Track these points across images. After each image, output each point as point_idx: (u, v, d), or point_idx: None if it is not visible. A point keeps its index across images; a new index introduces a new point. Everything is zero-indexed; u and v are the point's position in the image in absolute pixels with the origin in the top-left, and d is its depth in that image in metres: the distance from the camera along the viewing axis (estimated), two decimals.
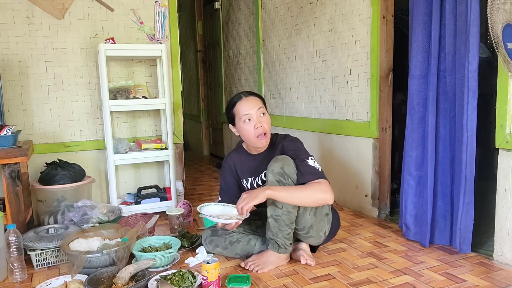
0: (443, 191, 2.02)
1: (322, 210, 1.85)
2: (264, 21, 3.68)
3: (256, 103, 1.86)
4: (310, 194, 1.71)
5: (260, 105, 1.86)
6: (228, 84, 4.69)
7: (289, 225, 1.78)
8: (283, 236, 1.79)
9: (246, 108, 1.84)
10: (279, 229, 1.77)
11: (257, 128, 1.82)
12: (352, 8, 2.57)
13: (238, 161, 1.99)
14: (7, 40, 2.60)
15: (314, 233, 1.86)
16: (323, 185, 1.73)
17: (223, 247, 1.92)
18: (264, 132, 1.83)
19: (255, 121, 1.82)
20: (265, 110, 1.87)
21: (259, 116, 1.84)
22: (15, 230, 1.78)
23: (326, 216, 1.88)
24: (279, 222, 1.76)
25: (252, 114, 1.82)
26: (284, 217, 1.75)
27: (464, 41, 1.82)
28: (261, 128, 1.82)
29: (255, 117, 1.83)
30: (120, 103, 2.67)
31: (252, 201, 1.64)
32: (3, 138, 2.11)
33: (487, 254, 1.91)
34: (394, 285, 1.66)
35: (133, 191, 2.93)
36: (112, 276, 1.66)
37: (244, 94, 1.89)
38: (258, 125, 1.82)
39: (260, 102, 1.87)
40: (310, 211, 1.80)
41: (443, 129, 2.00)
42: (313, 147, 3.09)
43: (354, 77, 2.61)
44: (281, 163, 1.74)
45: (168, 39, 3.01)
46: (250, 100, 1.86)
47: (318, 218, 1.84)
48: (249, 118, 1.83)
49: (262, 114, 1.85)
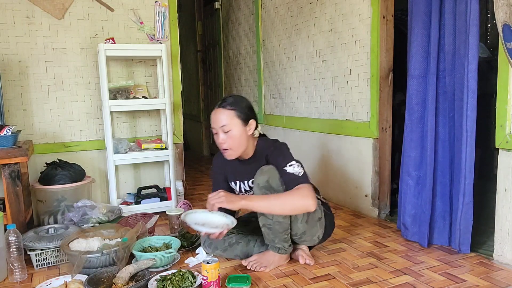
0: (442, 191, 2.02)
1: (314, 216, 1.82)
2: (264, 21, 3.68)
3: (220, 119, 1.74)
4: (288, 201, 1.65)
5: (224, 122, 1.73)
6: (228, 84, 4.68)
7: (283, 232, 1.77)
8: (280, 240, 1.80)
9: (212, 122, 1.78)
10: (275, 235, 1.78)
11: (219, 144, 1.77)
12: (352, 8, 2.57)
13: (227, 161, 1.93)
14: (7, 40, 2.60)
15: (308, 237, 1.86)
16: (302, 190, 1.66)
17: (222, 249, 1.91)
18: (224, 149, 1.77)
19: (218, 136, 1.76)
20: (231, 126, 1.73)
21: (223, 133, 1.74)
22: (15, 230, 1.78)
23: (319, 221, 1.85)
24: (273, 230, 1.76)
25: (217, 129, 1.76)
26: (277, 227, 1.74)
27: (463, 41, 1.82)
28: (223, 145, 1.76)
29: (220, 133, 1.75)
30: (120, 103, 2.67)
31: (225, 204, 1.60)
32: (3, 138, 2.11)
33: (487, 254, 1.91)
34: (394, 285, 1.66)
35: (133, 191, 2.93)
36: (112, 276, 1.66)
37: (218, 104, 1.78)
38: (220, 141, 1.76)
39: (226, 118, 1.73)
40: (301, 219, 1.77)
41: (443, 129, 2.00)
42: (313, 147, 3.09)
43: (354, 77, 2.61)
44: (266, 175, 1.71)
45: (168, 39, 3.01)
46: (217, 114, 1.75)
47: (311, 225, 1.82)
48: (215, 132, 1.77)
49: (227, 131, 1.73)
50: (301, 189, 1.66)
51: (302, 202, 1.65)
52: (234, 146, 1.76)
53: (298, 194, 1.65)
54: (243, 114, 1.76)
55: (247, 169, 1.82)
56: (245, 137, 1.77)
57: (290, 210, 1.69)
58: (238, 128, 1.75)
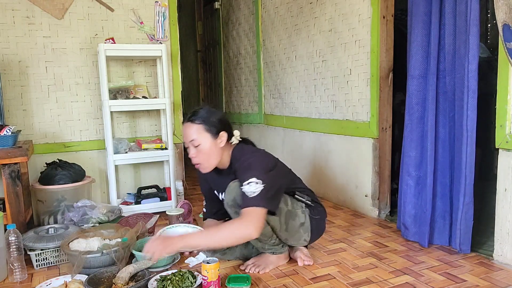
0: (443, 192, 2.02)
1: (294, 222, 1.79)
2: (264, 21, 3.68)
3: (188, 133, 1.70)
4: (228, 234, 1.56)
5: (192, 136, 1.69)
6: (228, 84, 4.68)
7: (270, 238, 1.76)
8: (269, 246, 1.80)
9: (183, 135, 1.76)
10: (263, 242, 1.77)
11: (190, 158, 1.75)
12: (352, 8, 2.57)
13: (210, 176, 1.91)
14: (7, 40, 2.60)
15: (294, 242, 1.86)
16: (245, 217, 1.56)
17: (221, 252, 1.90)
18: (195, 163, 1.75)
19: (190, 150, 1.73)
20: (200, 141, 1.68)
21: (193, 147, 1.71)
22: (15, 230, 1.78)
23: (302, 226, 1.82)
24: (259, 239, 1.74)
25: (187, 144, 1.73)
26: (260, 236, 1.70)
27: (463, 41, 1.82)
28: (193, 159, 1.73)
29: (190, 147, 1.72)
30: (120, 103, 2.67)
31: (164, 251, 1.54)
32: (3, 138, 2.11)
33: (487, 254, 1.91)
34: (394, 285, 1.65)
35: (133, 191, 2.93)
36: (112, 276, 1.66)
37: (187, 118, 1.74)
38: (191, 156, 1.73)
39: (194, 133, 1.69)
40: (279, 229, 1.75)
41: (443, 129, 2.00)
42: (313, 147, 3.09)
43: (354, 77, 2.61)
44: (233, 194, 1.67)
45: (168, 39, 3.01)
46: (186, 128, 1.72)
47: (291, 232, 1.80)
48: (187, 146, 1.74)
49: (197, 145, 1.70)
50: (244, 217, 1.56)
51: (244, 232, 1.55)
52: (205, 160, 1.72)
53: (238, 224, 1.57)
54: (213, 128, 1.70)
55: (225, 180, 1.76)
56: (216, 150, 1.72)
57: (232, 242, 1.61)
58: (207, 142, 1.69)
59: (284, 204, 1.76)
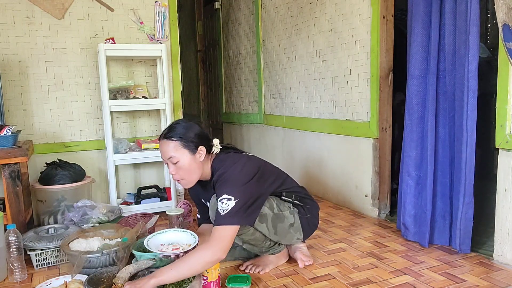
0: (443, 191, 2.02)
1: (283, 225, 1.77)
2: (264, 21, 3.68)
3: (166, 151, 1.66)
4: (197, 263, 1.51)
5: (170, 154, 1.64)
6: (228, 84, 4.68)
7: (264, 241, 1.77)
8: (266, 249, 1.80)
9: (161, 153, 1.71)
10: (258, 246, 1.78)
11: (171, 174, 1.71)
12: (352, 8, 2.57)
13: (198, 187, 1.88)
14: (7, 40, 2.60)
15: (286, 242, 1.85)
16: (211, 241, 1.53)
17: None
18: (176, 180, 1.71)
19: (169, 168, 1.69)
20: (178, 158, 1.64)
21: (172, 164, 1.67)
22: (15, 230, 1.78)
23: (291, 227, 1.81)
24: (252, 243, 1.75)
25: (166, 161, 1.68)
26: (253, 242, 1.72)
27: (463, 41, 1.82)
28: (174, 176, 1.69)
29: (169, 164, 1.68)
30: (120, 103, 2.67)
31: None
32: (3, 138, 2.11)
33: (487, 254, 1.91)
34: (394, 285, 1.66)
35: (133, 191, 2.93)
36: (112, 276, 1.66)
37: (163, 135, 1.69)
38: (171, 173, 1.69)
39: (171, 150, 1.64)
40: (269, 232, 1.74)
41: (443, 129, 2.00)
42: (313, 147, 3.09)
43: (354, 77, 2.61)
44: (213, 209, 1.67)
45: (168, 39, 3.01)
46: (163, 146, 1.68)
47: (282, 234, 1.79)
48: (166, 163, 1.70)
49: (175, 162, 1.65)
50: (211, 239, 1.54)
51: (209, 257, 1.51)
52: (186, 176, 1.68)
53: (203, 251, 1.52)
54: (191, 143, 1.66)
55: (210, 192, 1.74)
56: (196, 165, 1.67)
57: (201, 269, 1.55)
58: (186, 159, 1.65)
59: (270, 209, 1.73)
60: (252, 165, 1.69)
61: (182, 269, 1.50)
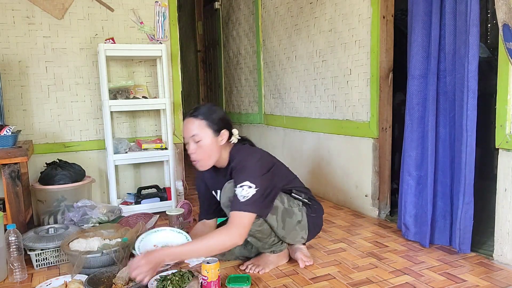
0: (443, 191, 2.02)
1: (291, 220, 1.78)
2: (264, 21, 3.68)
3: (190, 129, 1.69)
4: (215, 244, 1.56)
5: (194, 131, 1.67)
6: (228, 84, 4.69)
7: (269, 236, 1.77)
8: (269, 245, 1.80)
9: (183, 131, 1.75)
10: (262, 242, 1.77)
11: (189, 154, 1.74)
12: (352, 8, 2.57)
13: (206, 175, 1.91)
14: (7, 40, 2.60)
15: (290, 240, 1.85)
16: (231, 226, 1.58)
17: (220, 253, 1.91)
18: (194, 160, 1.72)
19: (189, 146, 1.71)
20: (201, 137, 1.67)
21: (194, 143, 1.69)
22: (15, 230, 1.78)
23: (298, 224, 1.82)
24: (257, 238, 1.75)
25: (188, 139, 1.71)
26: (259, 234, 1.73)
27: (464, 41, 1.82)
28: (192, 155, 1.71)
29: (191, 143, 1.70)
30: (120, 103, 2.67)
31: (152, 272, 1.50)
32: (3, 138, 2.11)
33: (487, 254, 1.91)
34: (394, 285, 1.65)
35: (133, 191, 2.93)
36: (112, 276, 1.66)
37: (189, 114, 1.73)
38: (191, 152, 1.71)
39: (195, 128, 1.68)
40: (277, 226, 1.75)
41: (443, 129, 2.00)
42: (313, 147, 3.09)
43: (354, 77, 2.61)
44: (227, 195, 1.68)
45: (168, 39, 3.01)
46: (188, 124, 1.70)
47: (288, 229, 1.79)
48: (187, 141, 1.72)
49: (198, 141, 1.68)
50: (230, 223, 1.58)
51: (227, 241, 1.56)
52: (204, 156, 1.70)
53: (223, 234, 1.57)
54: (215, 125, 1.69)
55: (222, 180, 1.75)
56: (216, 147, 1.70)
57: (218, 251, 1.59)
58: (208, 138, 1.68)
59: (281, 203, 1.76)
60: (268, 159, 1.77)
61: (199, 248, 1.57)
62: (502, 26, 1.65)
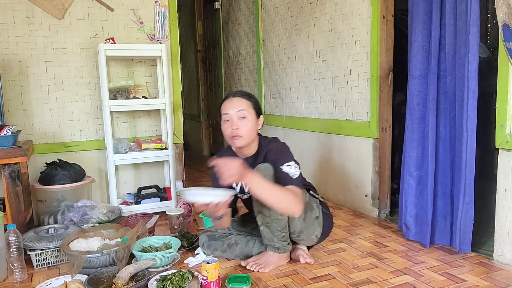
0: (443, 191, 2.02)
1: (311, 214, 1.83)
2: (264, 21, 3.68)
3: (238, 104, 1.77)
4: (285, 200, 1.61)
5: (242, 107, 1.76)
6: (228, 84, 4.68)
7: (282, 230, 1.77)
8: (278, 240, 1.79)
9: (227, 108, 1.79)
10: (273, 234, 1.78)
11: (232, 130, 1.76)
12: (352, 8, 2.57)
13: None
14: (7, 40, 2.60)
15: (305, 237, 1.86)
16: (298, 196, 1.65)
17: (221, 250, 1.91)
18: (237, 135, 1.76)
19: (232, 122, 1.77)
20: (247, 114, 1.77)
21: (238, 118, 1.76)
22: (15, 230, 1.78)
23: (316, 219, 1.86)
24: (271, 228, 1.76)
25: (231, 115, 1.76)
26: (275, 224, 1.75)
27: (464, 41, 1.82)
28: (236, 130, 1.75)
29: (235, 118, 1.76)
30: (120, 103, 2.67)
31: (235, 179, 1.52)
32: (3, 138, 2.11)
33: (487, 254, 1.91)
34: (394, 285, 1.65)
35: (133, 191, 2.93)
36: (112, 276, 1.66)
37: (233, 94, 1.83)
38: (234, 127, 1.75)
39: (243, 105, 1.77)
40: (299, 217, 1.77)
41: (443, 129, 2.00)
42: (313, 147, 3.09)
43: (354, 77, 2.61)
44: (262, 173, 1.68)
45: (168, 39, 3.01)
46: (234, 101, 1.79)
47: (308, 223, 1.82)
48: (228, 118, 1.78)
49: (243, 117, 1.76)
50: (298, 195, 1.65)
51: (295, 204, 1.62)
52: (246, 133, 1.76)
53: (295, 196, 1.63)
54: (257, 108, 1.83)
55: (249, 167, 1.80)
56: (255, 129, 1.81)
57: (281, 207, 1.64)
58: (252, 117, 1.79)
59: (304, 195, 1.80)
60: None
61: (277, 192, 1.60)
62: (502, 26, 1.65)
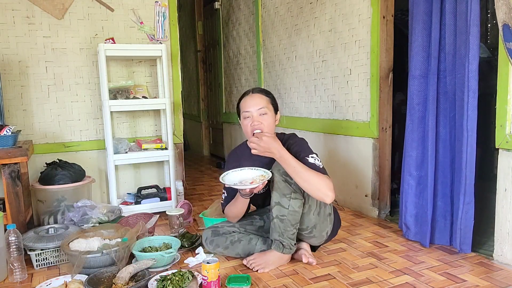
0: (443, 191, 2.02)
1: (325, 210, 1.86)
2: (264, 21, 3.68)
3: (259, 102, 1.85)
4: (316, 180, 1.69)
5: (263, 105, 1.85)
6: (228, 84, 4.68)
7: (294, 225, 1.78)
8: (288, 236, 1.79)
9: (247, 105, 1.86)
10: (285, 229, 1.77)
11: (253, 125, 1.83)
12: (352, 8, 2.57)
13: (243, 155, 1.96)
14: (7, 40, 2.60)
15: (317, 233, 1.86)
16: (329, 181, 1.71)
17: (224, 247, 1.91)
18: (259, 129, 1.82)
19: (253, 118, 1.84)
20: (267, 110, 1.85)
21: (259, 115, 1.84)
22: (15, 230, 1.78)
23: (329, 216, 1.89)
24: (285, 222, 1.76)
25: (252, 112, 1.84)
26: (290, 217, 1.75)
27: (464, 41, 1.82)
28: (258, 125, 1.82)
29: (255, 115, 1.84)
30: (120, 103, 2.67)
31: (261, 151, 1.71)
32: (3, 138, 2.11)
33: (487, 254, 1.91)
34: (394, 285, 1.66)
35: (133, 191, 2.93)
36: (112, 276, 1.66)
37: (253, 90, 1.91)
38: (255, 123, 1.83)
39: (264, 102, 1.86)
40: (314, 211, 1.81)
41: (443, 129, 2.00)
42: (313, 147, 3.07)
43: (354, 77, 2.61)
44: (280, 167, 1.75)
45: (168, 39, 3.01)
46: (254, 98, 1.87)
47: (322, 218, 1.85)
48: (249, 115, 1.85)
49: (263, 114, 1.84)
50: (326, 177, 1.72)
51: (326, 191, 1.68)
52: (267, 128, 1.83)
53: (326, 183, 1.69)
54: (275, 104, 1.93)
55: (265, 160, 1.84)
56: (274, 125, 1.89)
57: (311, 187, 1.69)
58: (271, 114, 1.88)
59: None
60: None
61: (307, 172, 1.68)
62: (502, 26, 1.65)
